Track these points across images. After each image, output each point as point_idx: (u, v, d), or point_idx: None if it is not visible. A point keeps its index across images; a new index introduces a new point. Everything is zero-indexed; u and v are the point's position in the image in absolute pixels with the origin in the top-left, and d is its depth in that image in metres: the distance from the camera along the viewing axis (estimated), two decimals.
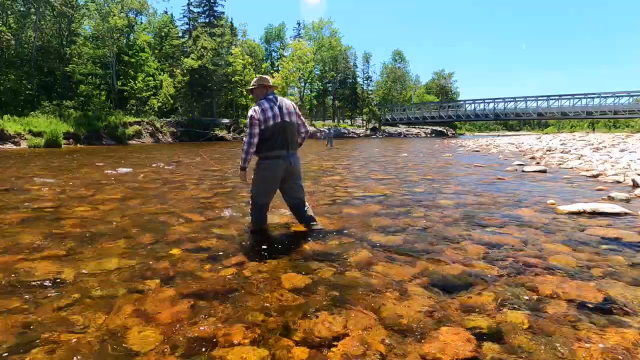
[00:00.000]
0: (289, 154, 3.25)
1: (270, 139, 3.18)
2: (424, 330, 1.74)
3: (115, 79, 33.69)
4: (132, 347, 1.62)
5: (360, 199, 5.00)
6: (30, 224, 3.71)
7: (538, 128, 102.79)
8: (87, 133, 26.32)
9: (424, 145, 24.95)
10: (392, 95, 67.47)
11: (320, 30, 55.14)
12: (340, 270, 2.46)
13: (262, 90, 3.29)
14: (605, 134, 31.59)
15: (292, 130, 3.27)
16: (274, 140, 3.18)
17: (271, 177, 3.28)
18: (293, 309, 1.95)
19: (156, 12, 44.67)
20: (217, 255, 2.76)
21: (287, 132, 3.23)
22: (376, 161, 11.99)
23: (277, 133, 3.18)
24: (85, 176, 7.78)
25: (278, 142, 3.19)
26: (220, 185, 6.35)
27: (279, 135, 3.19)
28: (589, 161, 9.56)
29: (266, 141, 3.18)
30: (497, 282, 2.25)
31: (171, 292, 2.14)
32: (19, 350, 1.59)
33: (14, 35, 30.06)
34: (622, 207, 4.04)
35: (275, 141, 3.18)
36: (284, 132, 3.20)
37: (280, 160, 3.22)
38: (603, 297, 2.04)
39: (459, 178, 7.39)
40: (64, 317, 1.86)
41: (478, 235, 3.22)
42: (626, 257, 2.65)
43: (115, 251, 2.87)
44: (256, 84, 3.31)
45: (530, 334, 1.70)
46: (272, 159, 3.22)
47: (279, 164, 3.23)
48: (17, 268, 2.52)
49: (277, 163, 3.23)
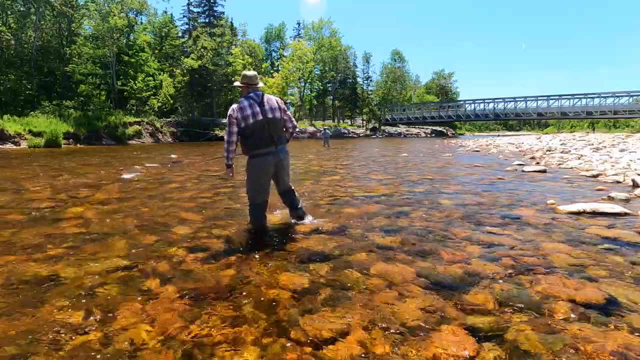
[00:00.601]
0: (277, 150, 3.31)
1: (253, 137, 3.23)
2: (424, 330, 1.74)
3: (115, 79, 33.70)
4: (132, 347, 1.62)
5: (360, 199, 5.00)
6: (30, 224, 3.71)
7: (538, 128, 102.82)
8: (87, 133, 26.34)
9: (424, 145, 24.95)
10: (392, 95, 67.50)
11: (320, 30, 55.15)
12: (340, 270, 2.46)
13: (245, 89, 3.33)
14: (605, 134, 31.59)
15: (276, 126, 3.30)
16: (257, 137, 3.23)
17: (262, 174, 3.34)
18: (293, 309, 1.95)
19: (156, 12, 44.73)
20: (217, 255, 2.76)
21: (271, 129, 3.26)
22: (376, 161, 11.99)
23: (259, 130, 3.22)
24: (85, 176, 7.78)
25: (263, 140, 3.24)
26: (220, 185, 6.35)
27: (262, 132, 3.23)
28: (588, 161, 9.56)
29: (249, 139, 3.24)
30: (497, 282, 2.25)
31: (171, 292, 2.14)
32: (20, 350, 1.59)
33: (14, 35, 30.07)
34: (622, 207, 4.04)
35: (259, 139, 3.23)
36: (267, 128, 3.24)
37: (269, 157, 3.29)
38: (603, 297, 2.04)
39: (459, 178, 7.39)
40: (64, 317, 1.86)
41: (478, 235, 3.22)
42: (626, 257, 2.65)
43: (116, 251, 2.87)
44: (240, 83, 3.34)
45: (530, 334, 1.70)
46: (261, 156, 3.29)
47: (268, 160, 3.29)
48: (18, 268, 2.52)
49: (265, 160, 3.29)
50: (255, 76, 3.35)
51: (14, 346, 1.62)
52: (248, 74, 3.33)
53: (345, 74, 62.34)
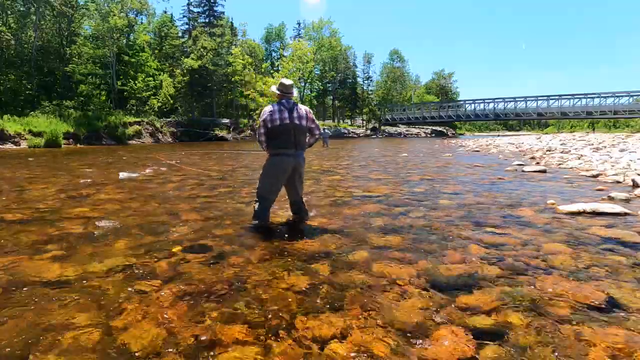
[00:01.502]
0: (296, 153, 3.53)
1: (277, 138, 3.48)
2: (424, 330, 1.74)
3: (115, 79, 33.69)
4: (132, 346, 1.62)
5: (360, 199, 5.00)
6: (30, 224, 3.71)
7: (538, 128, 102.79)
8: (87, 133, 26.34)
9: (424, 145, 24.96)
10: (392, 95, 67.51)
11: (320, 30, 55.19)
12: (340, 270, 2.46)
13: (281, 96, 3.60)
14: (605, 134, 31.59)
15: (300, 131, 3.53)
16: (281, 139, 3.48)
17: (278, 173, 3.53)
18: (293, 308, 1.95)
19: (156, 12, 44.72)
20: (217, 255, 2.76)
21: (295, 133, 3.49)
22: (376, 161, 11.99)
23: (284, 133, 3.47)
24: (86, 176, 7.78)
25: (287, 142, 3.48)
26: (220, 185, 6.35)
27: (286, 135, 3.47)
28: (588, 161, 9.56)
29: (273, 139, 3.51)
30: (497, 282, 2.25)
31: (171, 292, 2.14)
32: (21, 350, 1.59)
33: (14, 35, 30.07)
34: (622, 207, 4.04)
35: (284, 141, 3.48)
36: (291, 132, 3.48)
37: (289, 158, 3.50)
38: (603, 297, 2.04)
39: (459, 178, 7.39)
40: (65, 317, 1.86)
41: (478, 235, 3.22)
42: (626, 257, 2.65)
43: (116, 251, 2.87)
44: (277, 89, 3.63)
45: (530, 334, 1.70)
46: (280, 155, 3.51)
47: (287, 161, 3.50)
48: (18, 268, 2.52)
49: (284, 160, 3.50)
50: (292, 85, 3.62)
51: (14, 346, 1.62)
52: (286, 83, 3.60)
53: (345, 74, 62.36)
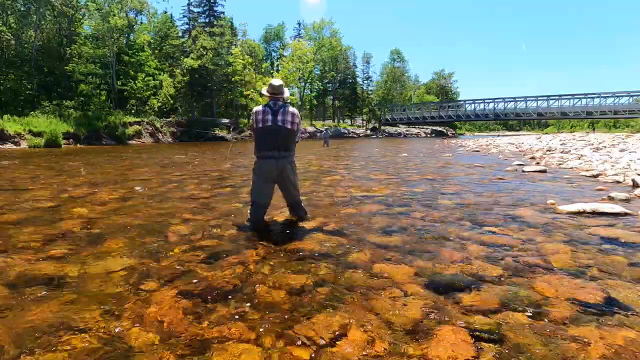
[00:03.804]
0: (280, 155, 3.50)
1: (261, 140, 3.50)
2: (424, 330, 1.74)
3: (115, 79, 33.70)
4: (132, 347, 1.62)
5: (360, 199, 5.00)
6: (30, 224, 3.71)
7: (538, 128, 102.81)
8: (87, 133, 26.34)
9: (424, 145, 24.95)
10: (392, 95, 67.51)
11: (320, 30, 55.19)
12: (339, 270, 2.46)
13: (269, 97, 3.61)
14: (605, 134, 31.59)
15: (284, 134, 3.49)
16: (264, 141, 3.49)
17: (263, 176, 3.54)
18: (292, 308, 1.95)
19: (156, 12, 44.71)
20: (216, 255, 2.76)
21: (281, 137, 3.48)
22: (376, 161, 11.99)
23: (267, 135, 3.47)
24: (86, 176, 7.77)
25: (269, 144, 3.47)
26: (220, 185, 6.35)
27: (268, 137, 3.47)
28: (589, 161, 9.56)
29: (258, 142, 3.53)
30: (497, 282, 2.25)
31: (171, 292, 2.14)
32: (20, 350, 1.59)
33: (14, 35, 30.07)
34: (622, 207, 4.04)
35: (266, 142, 3.48)
36: (275, 135, 3.47)
37: (272, 161, 3.49)
38: (603, 297, 2.04)
39: (459, 178, 7.39)
40: (64, 318, 1.86)
41: (478, 235, 3.22)
42: (626, 257, 2.65)
43: (116, 251, 2.86)
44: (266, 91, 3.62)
45: (530, 334, 1.70)
46: (264, 158, 3.52)
47: (270, 164, 3.50)
48: (18, 268, 2.52)
49: (268, 163, 3.51)
50: (280, 86, 3.58)
51: (15, 345, 1.62)
52: (274, 84, 3.57)
53: (345, 74, 62.38)
